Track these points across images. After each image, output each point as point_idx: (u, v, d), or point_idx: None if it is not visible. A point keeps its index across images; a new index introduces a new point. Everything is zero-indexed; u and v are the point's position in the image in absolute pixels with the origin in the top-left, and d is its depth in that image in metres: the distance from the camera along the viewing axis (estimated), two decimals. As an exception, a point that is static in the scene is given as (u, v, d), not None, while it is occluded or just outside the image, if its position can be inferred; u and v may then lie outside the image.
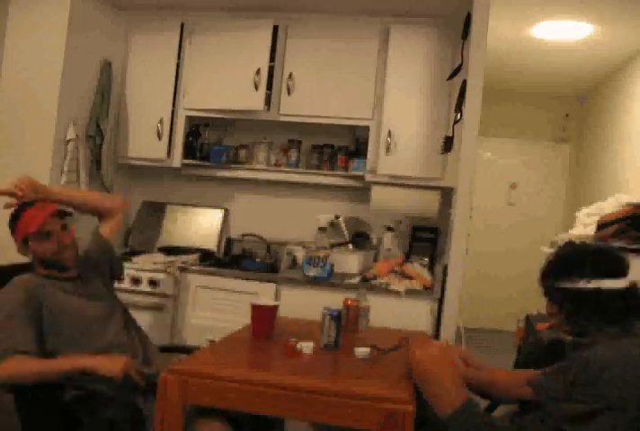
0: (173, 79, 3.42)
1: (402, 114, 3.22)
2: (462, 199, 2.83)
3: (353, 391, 1.59)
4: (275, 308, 2.09)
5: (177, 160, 3.46)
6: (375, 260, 3.29)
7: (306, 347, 1.89)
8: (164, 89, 3.42)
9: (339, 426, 1.63)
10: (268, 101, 3.34)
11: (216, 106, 3.40)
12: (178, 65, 3.43)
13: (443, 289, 2.86)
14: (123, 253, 3.37)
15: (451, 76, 3.08)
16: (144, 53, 3.48)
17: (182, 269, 3.14)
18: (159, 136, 3.39)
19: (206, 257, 3.41)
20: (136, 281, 3.08)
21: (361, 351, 1.90)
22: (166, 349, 2.34)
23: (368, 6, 3.18)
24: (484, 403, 1.71)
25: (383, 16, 3.25)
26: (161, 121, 3.39)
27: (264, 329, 2.04)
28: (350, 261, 3.15)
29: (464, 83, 2.91)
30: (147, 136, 3.43)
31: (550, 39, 3.92)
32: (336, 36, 3.31)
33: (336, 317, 1.97)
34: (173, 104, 3.43)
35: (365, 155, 3.32)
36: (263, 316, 2.06)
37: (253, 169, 3.56)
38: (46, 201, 2.07)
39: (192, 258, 3.30)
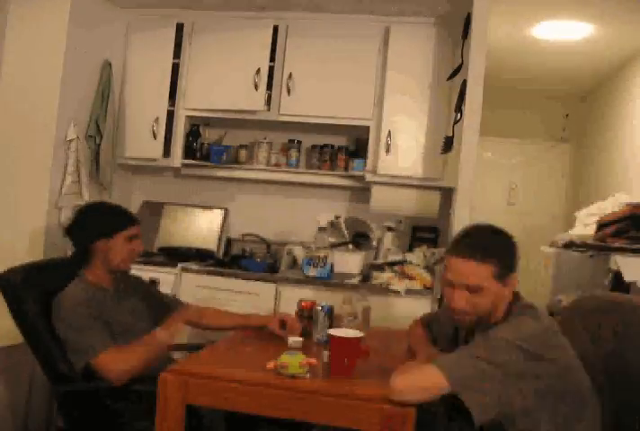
0: (170, 78, 3.42)
1: (402, 114, 3.22)
2: (462, 199, 2.83)
3: (353, 392, 1.59)
4: (359, 340, 1.72)
5: (177, 160, 3.46)
6: (375, 260, 3.29)
7: (295, 341, 1.92)
8: (161, 88, 3.42)
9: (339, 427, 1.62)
10: (268, 101, 3.34)
11: (216, 106, 3.40)
12: (177, 65, 3.43)
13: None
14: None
15: (451, 76, 3.08)
16: (142, 52, 3.48)
17: (182, 269, 3.14)
18: (154, 135, 3.39)
19: (206, 257, 3.40)
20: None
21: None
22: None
23: (368, 6, 3.18)
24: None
25: (383, 16, 3.25)
26: (157, 120, 3.39)
27: (344, 365, 1.70)
28: (350, 261, 3.14)
29: (464, 83, 2.91)
30: (143, 135, 3.42)
31: (550, 39, 3.91)
32: (336, 36, 3.30)
33: (329, 312, 2.06)
34: (173, 104, 3.44)
35: (365, 155, 3.32)
36: (344, 350, 1.70)
37: (253, 169, 3.56)
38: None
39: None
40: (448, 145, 3.03)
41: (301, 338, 1.96)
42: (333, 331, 1.73)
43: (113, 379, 1.83)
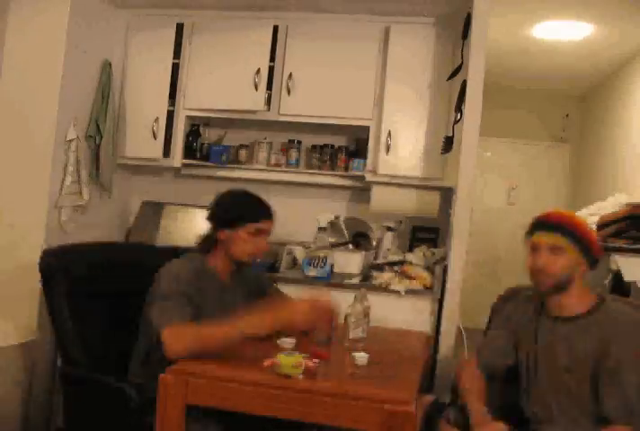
0: (170, 78, 3.41)
1: (402, 114, 3.22)
2: (462, 199, 2.83)
3: (354, 392, 1.59)
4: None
5: (177, 160, 3.46)
6: (375, 260, 3.29)
7: (285, 342, 1.91)
8: (161, 88, 3.42)
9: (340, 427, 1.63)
10: (268, 101, 3.34)
11: (216, 106, 3.40)
12: (177, 65, 3.43)
13: (443, 289, 2.86)
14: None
15: (451, 76, 3.08)
16: (142, 52, 3.47)
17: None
18: (154, 135, 3.39)
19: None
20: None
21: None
22: None
23: (368, 6, 3.18)
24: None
25: (383, 16, 3.25)
26: (157, 120, 3.39)
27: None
28: (350, 261, 3.14)
29: (464, 83, 2.91)
30: (144, 135, 3.42)
31: (550, 39, 3.92)
32: (336, 36, 3.30)
33: None
34: (173, 104, 3.43)
35: (365, 155, 3.32)
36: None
37: (253, 169, 3.56)
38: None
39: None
40: (448, 145, 3.03)
41: (293, 340, 1.94)
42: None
43: (170, 355, 1.75)
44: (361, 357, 1.84)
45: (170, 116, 3.43)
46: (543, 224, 1.86)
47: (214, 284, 2.05)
